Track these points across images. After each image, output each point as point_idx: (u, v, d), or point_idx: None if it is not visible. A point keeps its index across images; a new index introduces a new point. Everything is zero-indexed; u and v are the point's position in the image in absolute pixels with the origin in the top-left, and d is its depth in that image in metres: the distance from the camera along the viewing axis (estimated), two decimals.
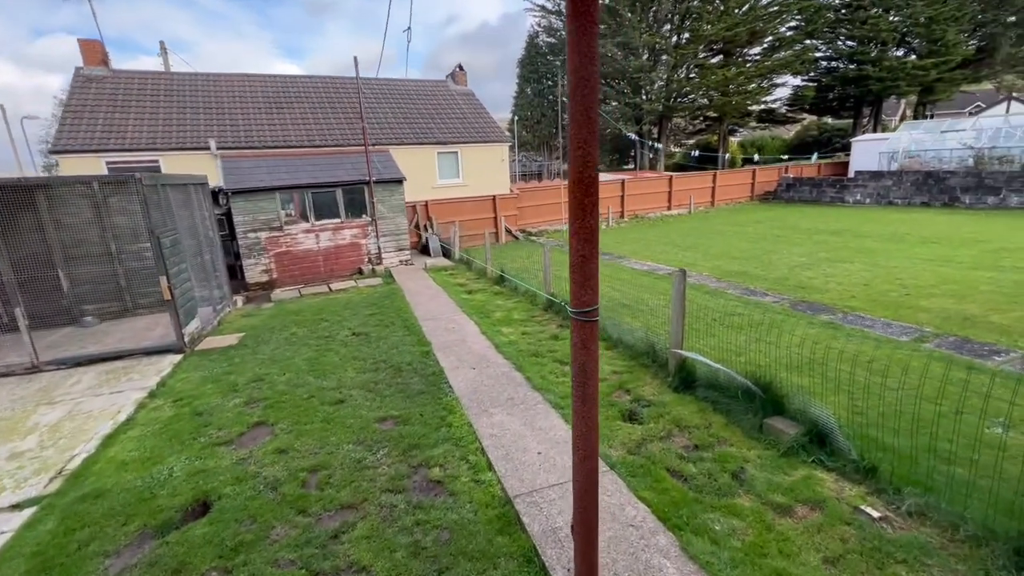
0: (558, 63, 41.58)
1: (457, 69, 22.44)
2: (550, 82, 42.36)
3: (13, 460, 4.62)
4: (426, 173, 18.37)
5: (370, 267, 12.85)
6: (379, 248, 12.97)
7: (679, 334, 4.95)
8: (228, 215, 11.79)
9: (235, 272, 12.17)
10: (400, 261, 13.45)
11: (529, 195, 19.37)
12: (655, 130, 36.89)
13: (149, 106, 16.71)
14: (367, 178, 12.41)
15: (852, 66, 33.62)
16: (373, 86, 20.61)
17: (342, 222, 12.49)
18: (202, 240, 9.17)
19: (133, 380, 6.40)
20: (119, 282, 9.40)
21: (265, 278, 11.89)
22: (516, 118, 43.24)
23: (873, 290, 8.58)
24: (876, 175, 21.46)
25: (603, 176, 27.66)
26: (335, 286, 11.70)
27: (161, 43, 25.91)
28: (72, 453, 4.66)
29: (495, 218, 17.69)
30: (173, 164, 14.84)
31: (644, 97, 33.75)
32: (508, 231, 17.97)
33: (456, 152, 19.04)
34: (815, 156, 26.97)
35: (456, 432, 4.55)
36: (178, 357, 7.15)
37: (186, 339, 7.45)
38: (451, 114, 20.28)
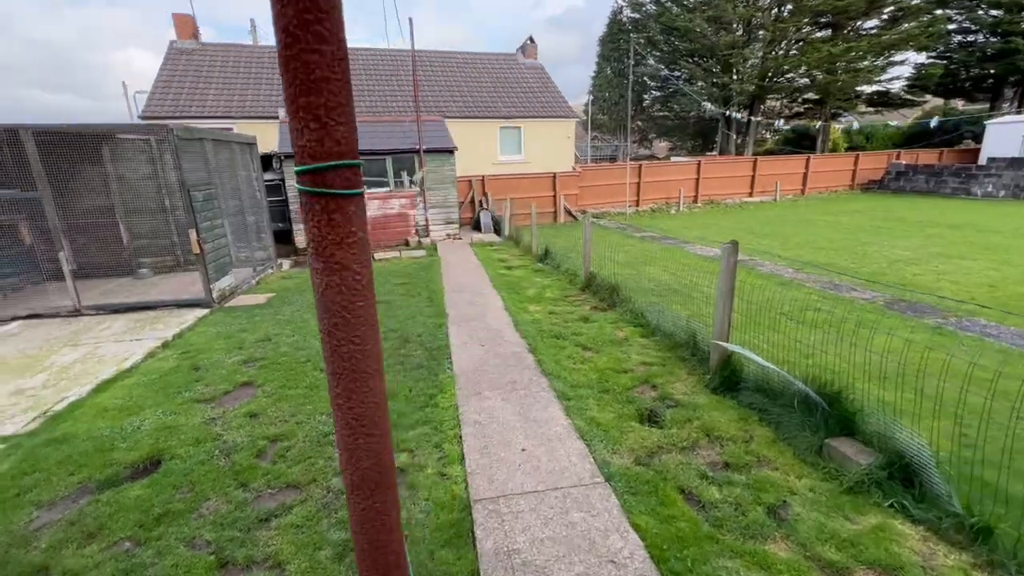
0: (642, 40, 39.21)
1: (528, 42, 21.56)
2: (631, 60, 40.18)
3: (14, 396, 4.63)
4: (487, 148, 17.82)
5: (416, 239, 12.55)
6: (427, 220, 12.61)
7: (725, 322, 3.96)
8: (284, 180, 11.94)
9: (289, 236, 12.35)
10: (447, 235, 13.03)
11: (592, 175, 18.24)
12: (745, 114, 33.81)
13: (229, 77, 17.48)
14: (417, 146, 12.03)
15: (995, 39, 28.56)
16: (435, 58, 20.30)
17: (391, 191, 12.25)
18: (245, 201, 9.21)
19: (155, 330, 6.41)
20: (172, 237, 9.73)
21: None
22: (591, 98, 41.58)
23: (1002, 293, 6.86)
24: (1016, 162, 17.95)
25: (677, 159, 25.68)
26: (379, 256, 11.51)
27: (251, 20, 27.31)
28: (66, 395, 4.60)
29: (554, 196, 16.81)
30: (245, 131, 15.38)
31: (735, 77, 30.89)
32: (567, 211, 17.03)
33: (519, 128, 18.29)
34: (937, 140, 23.23)
35: (440, 415, 3.93)
36: (204, 312, 7.14)
37: (215, 295, 7.44)
38: (517, 88, 19.51)
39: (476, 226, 15.10)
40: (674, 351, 4.90)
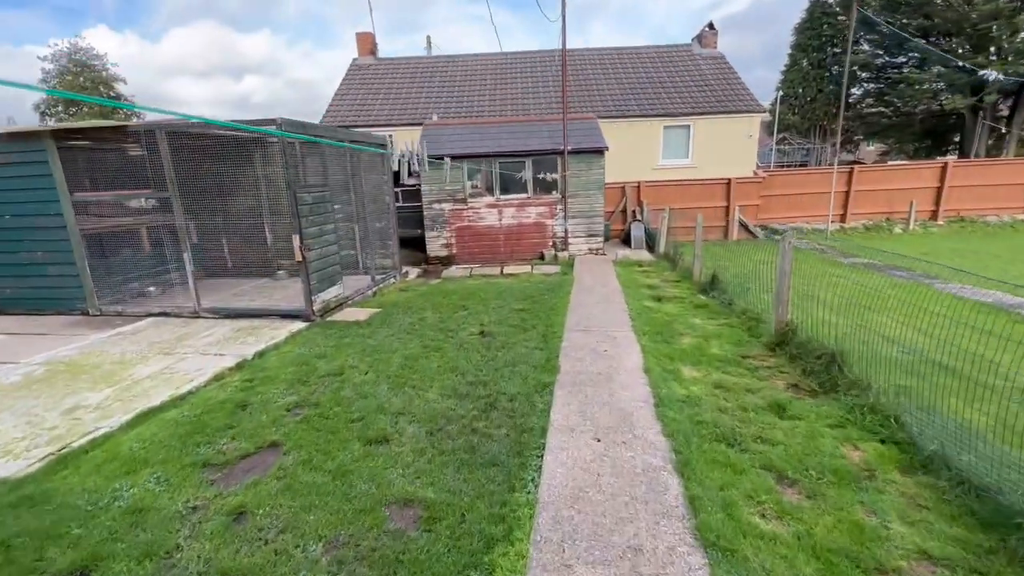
0: (853, 22, 32.31)
1: (706, 29, 18.58)
2: (836, 48, 33.40)
3: (63, 416, 4.13)
4: (647, 150, 15.51)
5: (553, 252, 10.96)
6: (566, 231, 10.94)
7: None
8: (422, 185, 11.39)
9: (421, 243, 11.80)
10: (589, 249, 11.18)
11: (782, 181, 14.65)
12: (1004, 106, 25.32)
13: (394, 87, 18.14)
14: (561, 147, 10.45)
15: None
16: (592, 56, 18.57)
17: (528, 198, 10.87)
18: (367, 205, 8.59)
19: (245, 344, 5.82)
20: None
21: (445, 252, 11.15)
22: (780, 94, 35.71)
23: None
24: None
25: (898, 162, 19.95)
26: (509, 269, 10.20)
27: (427, 37, 28.94)
28: (100, 425, 3.94)
29: (727, 208, 13.78)
30: (402, 137, 15.59)
31: (995, 57, 23.23)
32: (743, 225, 13.83)
33: (688, 126, 15.58)
34: None
35: None
36: (301, 325, 6.45)
37: (317, 306, 6.75)
38: (689, 81, 16.78)
39: (626, 240, 12.95)
40: (994, 528, 2.37)
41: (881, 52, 28.77)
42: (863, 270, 9.18)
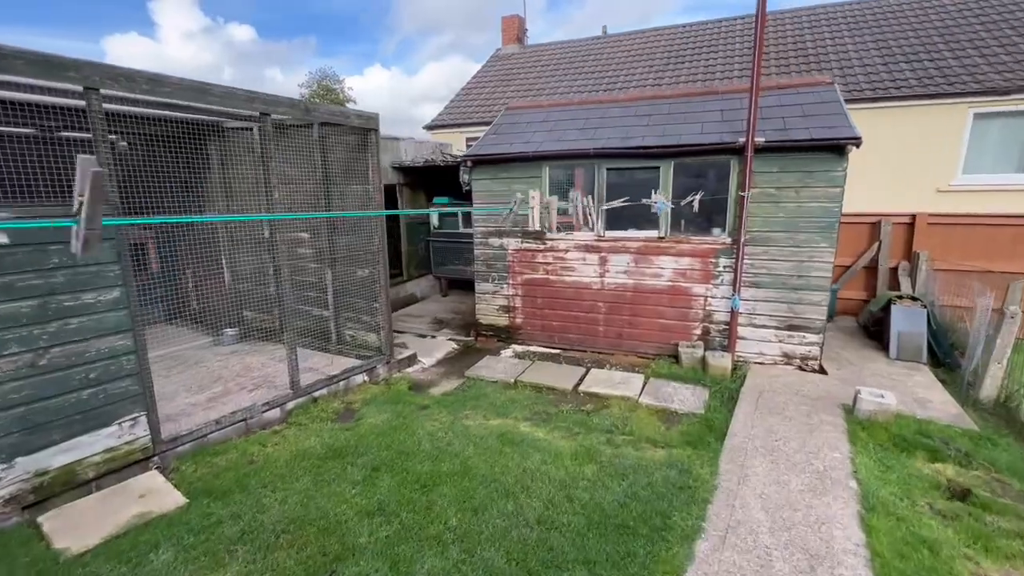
0: None
1: None
2: None
3: None
4: (930, 157, 8.47)
5: (699, 352, 5.41)
6: (736, 308, 5.29)
7: None
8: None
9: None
10: (785, 354, 5.29)
11: None
12: None
13: (531, 76, 14.23)
14: (740, 138, 4.95)
15: None
16: (834, 8, 11.75)
17: (660, 238, 5.57)
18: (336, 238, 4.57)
19: None
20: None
21: (502, 319, 6.53)
22: None
23: None
24: None
25: None
26: (597, 379, 5.12)
27: (603, 27, 24.58)
28: None
29: None
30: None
31: None
32: None
33: None
34: None
35: None
36: None
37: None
38: None
39: (875, 332, 6.42)
40: None
41: None
42: None
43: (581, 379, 5.20)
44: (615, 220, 5.78)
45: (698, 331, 5.58)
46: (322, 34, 58.81)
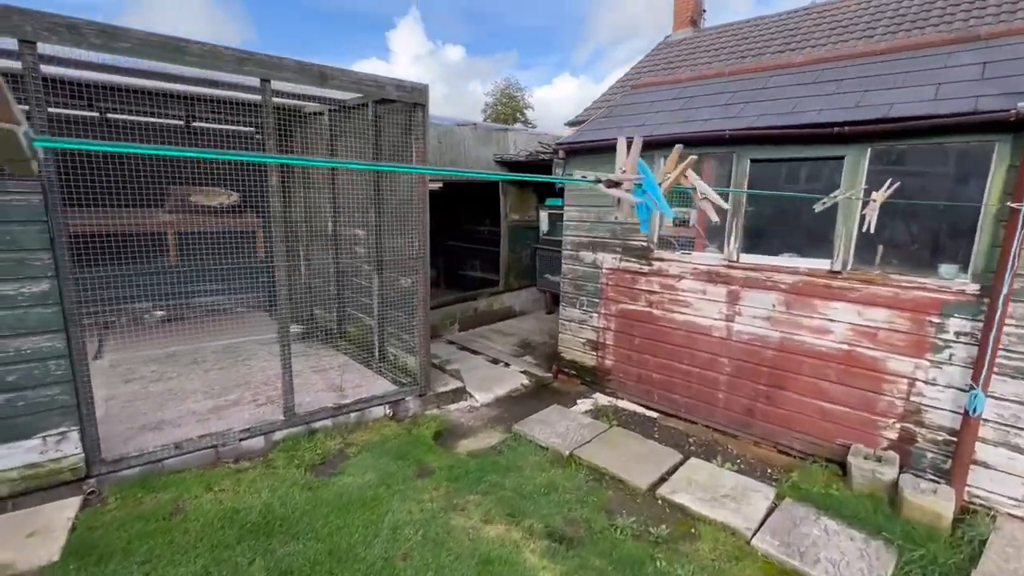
0: None
1: None
2: None
3: None
4: None
5: (889, 466, 3.17)
6: (975, 411, 2.95)
7: None
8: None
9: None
10: None
11: None
12: None
13: (698, 64, 12.00)
14: (1009, 106, 2.66)
15: None
16: None
17: (836, 272, 3.46)
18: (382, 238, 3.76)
19: None
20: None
21: (589, 359, 4.98)
22: None
23: None
24: None
25: None
26: (687, 487, 3.35)
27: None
28: None
29: None
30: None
31: None
32: None
33: None
34: None
35: None
36: None
37: None
38: None
39: None
40: None
41: None
42: None
43: (669, 472, 3.45)
44: (757, 238, 3.82)
45: (891, 434, 3.33)
46: (523, 47, 62.43)
